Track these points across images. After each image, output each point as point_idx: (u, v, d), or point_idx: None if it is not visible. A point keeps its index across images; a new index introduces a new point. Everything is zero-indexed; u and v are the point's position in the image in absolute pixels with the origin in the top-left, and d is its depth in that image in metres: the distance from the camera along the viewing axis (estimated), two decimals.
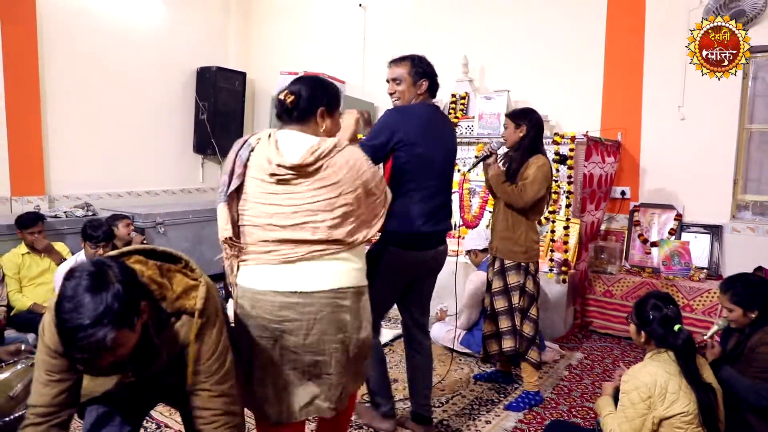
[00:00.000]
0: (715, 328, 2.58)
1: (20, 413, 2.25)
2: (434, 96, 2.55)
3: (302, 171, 1.71)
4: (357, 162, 1.80)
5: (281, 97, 1.83)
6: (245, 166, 1.76)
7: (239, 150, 1.79)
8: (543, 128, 2.96)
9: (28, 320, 3.58)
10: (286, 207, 1.71)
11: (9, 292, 3.66)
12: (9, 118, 4.44)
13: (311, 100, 1.83)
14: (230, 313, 1.80)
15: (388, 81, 2.52)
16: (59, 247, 3.97)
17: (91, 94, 5.02)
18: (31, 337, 3.47)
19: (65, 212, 4.44)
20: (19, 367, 3.00)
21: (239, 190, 1.76)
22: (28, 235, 3.74)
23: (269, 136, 1.80)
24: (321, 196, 1.72)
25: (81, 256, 3.56)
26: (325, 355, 1.75)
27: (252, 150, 1.77)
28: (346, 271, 1.77)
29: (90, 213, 4.54)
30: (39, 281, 3.77)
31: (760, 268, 3.67)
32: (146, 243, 4.47)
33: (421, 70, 2.48)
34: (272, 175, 1.71)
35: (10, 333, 3.47)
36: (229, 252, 1.77)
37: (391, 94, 2.52)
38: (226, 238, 1.76)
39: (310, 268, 1.72)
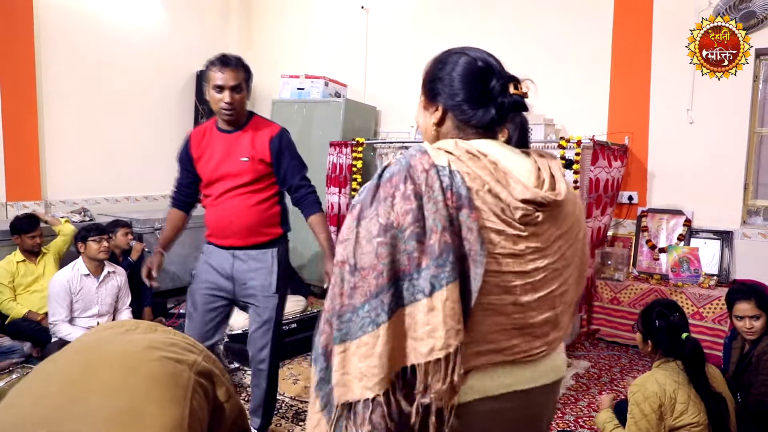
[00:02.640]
0: None
1: None
2: None
3: (555, 210, 1.09)
4: (578, 197, 1.20)
5: (516, 88, 1.09)
6: (474, 208, 0.99)
7: (439, 180, 0.98)
8: (527, 129, 2.70)
9: (23, 328, 3.53)
10: (534, 273, 1.07)
11: (3, 300, 3.60)
12: (5, 121, 4.38)
13: None
14: None
15: (221, 87, 2.17)
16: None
17: (88, 97, 4.96)
18: (26, 345, 3.42)
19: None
20: (14, 376, 2.95)
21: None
22: (29, 240, 3.68)
23: (467, 151, 1.04)
24: (564, 247, 1.12)
25: (79, 264, 3.50)
26: None
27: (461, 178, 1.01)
28: (563, 351, 1.22)
29: (87, 218, 4.48)
30: (33, 288, 3.71)
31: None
32: (146, 249, 4.41)
33: (251, 78, 2.27)
34: (522, 217, 1.03)
35: (4, 341, 3.41)
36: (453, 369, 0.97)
37: (229, 104, 2.18)
38: (451, 352, 0.95)
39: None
